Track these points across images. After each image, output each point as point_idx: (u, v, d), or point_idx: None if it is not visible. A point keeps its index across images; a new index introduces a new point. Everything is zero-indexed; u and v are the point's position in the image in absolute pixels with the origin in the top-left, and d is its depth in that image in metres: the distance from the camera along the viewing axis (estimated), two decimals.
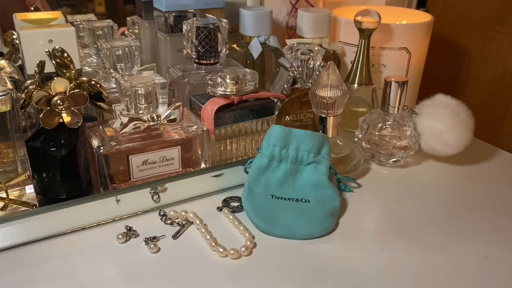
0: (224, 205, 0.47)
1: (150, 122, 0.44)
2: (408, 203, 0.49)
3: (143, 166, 0.45)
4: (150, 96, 0.44)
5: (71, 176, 0.45)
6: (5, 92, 0.40)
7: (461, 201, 0.50)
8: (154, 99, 0.45)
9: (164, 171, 0.47)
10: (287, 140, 0.46)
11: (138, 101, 0.44)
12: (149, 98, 0.44)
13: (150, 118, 0.44)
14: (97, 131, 0.45)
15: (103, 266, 0.39)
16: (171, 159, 0.46)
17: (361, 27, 0.57)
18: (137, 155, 0.45)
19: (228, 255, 0.40)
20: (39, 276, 0.37)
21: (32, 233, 0.41)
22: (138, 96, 0.44)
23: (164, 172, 0.47)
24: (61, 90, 0.43)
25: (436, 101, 0.55)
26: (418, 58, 0.64)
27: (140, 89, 0.44)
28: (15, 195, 0.44)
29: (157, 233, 0.42)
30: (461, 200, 0.50)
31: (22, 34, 0.48)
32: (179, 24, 0.57)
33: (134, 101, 0.44)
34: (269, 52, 0.64)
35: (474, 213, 0.47)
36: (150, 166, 0.46)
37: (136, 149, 0.44)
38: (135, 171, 0.45)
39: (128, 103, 0.44)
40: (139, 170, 0.45)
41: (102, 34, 0.59)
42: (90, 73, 0.57)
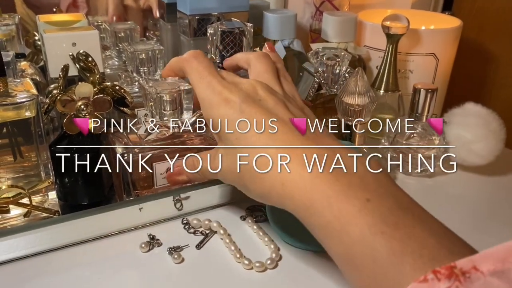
0: (248, 214, 0.46)
1: (175, 129, 0.43)
2: (435, 214, 0.47)
3: (166, 174, 0.44)
4: (175, 102, 0.43)
5: (94, 182, 0.45)
6: (30, 98, 0.40)
7: (490, 213, 0.48)
8: (179, 105, 0.43)
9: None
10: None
11: (163, 107, 0.43)
12: (174, 105, 0.43)
13: (176, 124, 0.44)
14: (120, 136, 0.45)
15: (126, 276, 0.38)
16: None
17: (389, 32, 0.56)
18: (161, 162, 0.44)
19: (253, 268, 0.39)
20: (62, 284, 0.37)
21: (55, 241, 0.40)
22: (163, 102, 0.43)
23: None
24: (85, 95, 0.42)
25: (466, 109, 0.53)
26: (446, 64, 0.62)
27: (165, 95, 0.43)
28: (37, 201, 0.43)
29: (180, 242, 0.42)
30: (489, 212, 0.48)
31: (46, 37, 0.47)
32: (203, 27, 0.56)
33: (159, 107, 0.43)
34: (292, 56, 0.63)
35: (503, 226, 0.46)
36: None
37: (161, 156, 0.43)
38: (158, 179, 0.44)
39: (153, 109, 0.43)
40: (162, 177, 0.44)
41: (124, 36, 0.59)
42: (111, 76, 0.57)
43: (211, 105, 0.37)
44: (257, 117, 0.35)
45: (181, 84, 0.44)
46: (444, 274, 0.24)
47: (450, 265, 0.24)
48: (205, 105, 0.38)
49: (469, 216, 0.47)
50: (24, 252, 0.39)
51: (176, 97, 0.43)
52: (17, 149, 0.43)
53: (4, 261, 0.38)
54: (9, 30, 0.60)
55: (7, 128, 0.42)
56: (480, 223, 0.46)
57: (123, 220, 0.43)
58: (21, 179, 0.44)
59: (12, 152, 0.43)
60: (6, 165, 0.43)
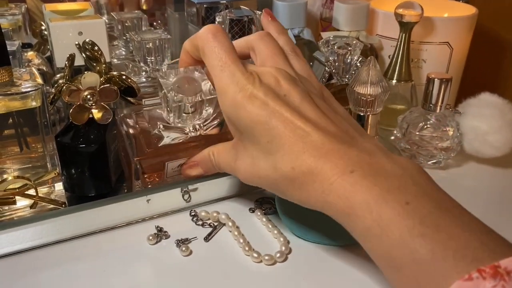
0: (256, 207, 0.45)
1: (191, 133, 0.41)
2: None
3: (178, 168, 0.43)
4: (195, 104, 0.40)
5: (101, 173, 0.44)
6: (35, 88, 0.39)
7: (505, 206, 0.47)
8: (200, 107, 0.41)
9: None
10: None
11: (184, 109, 0.40)
12: (194, 107, 0.40)
13: (192, 129, 0.41)
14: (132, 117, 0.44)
15: (134, 268, 0.37)
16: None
17: (403, 20, 0.54)
18: (175, 161, 0.43)
19: (262, 261, 0.38)
20: (68, 276, 0.36)
21: (61, 232, 0.40)
22: (183, 106, 0.40)
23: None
24: (91, 85, 0.41)
25: (481, 100, 0.52)
26: (460, 53, 0.60)
27: (186, 102, 0.39)
28: (44, 192, 0.43)
29: (188, 234, 0.41)
30: (504, 204, 0.47)
31: (52, 26, 0.46)
32: (211, 16, 0.55)
33: (178, 111, 0.40)
34: (302, 45, 0.61)
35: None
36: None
37: (174, 156, 0.42)
38: (169, 172, 0.44)
39: (170, 112, 0.40)
40: (174, 171, 0.44)
41: (131, 26, 0.58)
42: (119, 66, 0.56)
43: (235, 103, 0.34)
44: (287, 118, 0.33)
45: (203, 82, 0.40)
46: (489, 273, 0.23)
47: (494, 265, 0.24)
48: (226, 101, 0.35)
49: (484, 208, 0.46)
50: (31, 243, 0.39)
51: (197, 101, 0.40)
52: (23, 140, 0.43)
53: (11, 253, 0.38)
54: (16, 20, 0.59)
55: (13, 118, 0.41)
56: (495, 216, 0.45)
57: (131, 212, 0.42)
58: (27, 170, 0.43)
59: (18, 143, 0.43)
60: (13, 156, 0.43)
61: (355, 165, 0.30)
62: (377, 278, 0.37)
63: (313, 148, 0.32)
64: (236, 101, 0.34)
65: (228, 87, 0.34)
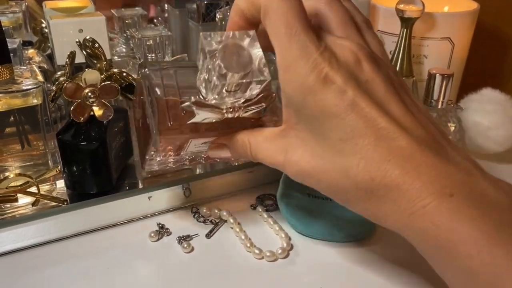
0: (258, 203, 0.45)
1: (229, 114, 0.32)
2: None
3: (201, 145, 0.36)
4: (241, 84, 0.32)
5: (102, 170, 0.44)
6: (36, 85, 0.39)
7: None
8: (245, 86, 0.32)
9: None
10: None
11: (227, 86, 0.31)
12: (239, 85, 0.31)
13: (230, 109, 0.32)
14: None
15: (135, 265, 0.37)
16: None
17: (404, 15, 0.54)
18: (200, 139, 0.35)
19: (264, 257, 0.38)
20: (70, 273, 0.36)
21: (63, 230, 0.40)
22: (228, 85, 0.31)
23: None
24: (92, 82, 0.41)
25: (483, 95, 0.52)
26: (462, 48, 0.60)
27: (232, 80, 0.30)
28: (45, 189, 0.43)
29: (189, 231, 0.41)
30: None
31: (52, 23, 0.46)
32: (211, 12, 0.55)
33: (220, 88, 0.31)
34: None
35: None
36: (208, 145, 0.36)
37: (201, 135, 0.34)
38: (190, 148, 0.36)
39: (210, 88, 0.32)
40: (196, 147, 0.36)
41: (131, 23, 0.58)
42: (119, 63, 0.56)
43: (303, 85, 0.27)
44: (369, 113, 0.26)
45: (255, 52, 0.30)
46: None
47: None
48: (292, 81, 0.27)
49: None
50: (33, 241, 0.39)
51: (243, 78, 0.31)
52: (24, 138, 0.43)
53: (13, 250, 0.38)
54: (16, 18, 0.59)
55: (14, 116, 0.42)
56: None
57: (132, 209, 0.42)
58: (29, 168, 0.43)
59: (20, 141, 0.43)
60: (14, 154, 0.43)
61: (454, 187, 0.25)
62: (378, 275, 0.37)
63: (401, 156, 0.25)
64: (306, 83, 0.27)
65: (297, 63, 0.27)
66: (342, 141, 0.27)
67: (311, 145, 0.28)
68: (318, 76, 0.26)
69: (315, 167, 0.28)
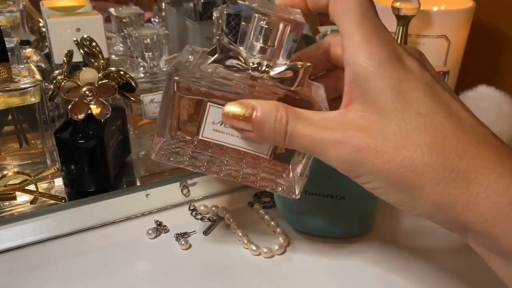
0: (255, 200, 0.45)
1: (254, 71, 0.29)
2: None
3: (220, 126, 0.31)
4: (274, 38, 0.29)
5: (100, 168, 0.44)
6: (34, 84, 0.39)
7: None
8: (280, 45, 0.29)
9: (243, 147, 0.31)
10: None
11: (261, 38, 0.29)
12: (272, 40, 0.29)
13: (256, 64, 0.29)
14: None
15: (134, 262, 0.38)
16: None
17: (399, 14, 0.54)
18: (218, 106, 0.30)
19: (261, 254, 0.38)
20: (69, 271, 0.37)
21: (62, 227, 0.40)
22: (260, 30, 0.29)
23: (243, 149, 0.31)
24: (90, 81, 0.41)
25: (478, 92, 0.52)
26: (458, 46, 0.60)
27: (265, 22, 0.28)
28: (44, 187, 0.43)
29: (187, 228, 0.41)
30: None
31: (50, 22, 0.47)
32: (208, 11, 0.55)
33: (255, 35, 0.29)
34: (300, 39, 0.61)
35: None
36: (228, 132, 0.31)
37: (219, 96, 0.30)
38: (207, 128, 0.31)
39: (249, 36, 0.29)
40: (213, 129, 0.31)
41: (129, 22, 0.58)
42: (117, 62, 0.56)
43: (378, 55, 0.25)
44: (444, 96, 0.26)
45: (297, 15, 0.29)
46: None
47: None
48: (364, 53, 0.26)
49: None
50: (31, 239, 0.39)
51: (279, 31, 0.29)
52: (22, 136, 0.43)
53: (11, 248, 0.38)
54: (14, 17, 0.59)
55: (12, 115, 0.42)
56: None
57: (130, 207, 0.42)
58: (27, 166, 0.44)
59: (18, 139, 0.43)
60: (12, 153, 0.43)
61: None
62: (375, 271, 0.37)
63: (488, 143, 0.25)
64: (382, 54, 0.25)
65: (370, 38, 0.26)
66: (420, 116, 0.25)
67: (379, 123, 0.26)
68: (393, 52, 0.26)
69: (385, 145, 0.25)
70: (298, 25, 0.29)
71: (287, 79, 0.29)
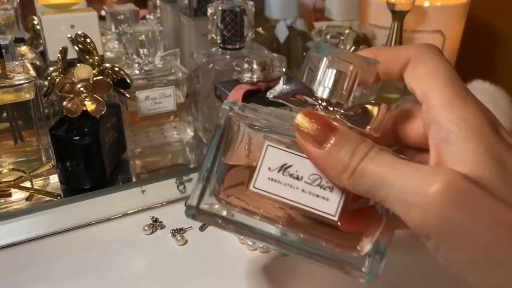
0: None
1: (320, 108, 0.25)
2: None
3: (277, 174, 0.25)
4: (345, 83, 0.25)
5: (95, 165, 0.44)
6: (28, 80, 0.39)
7: None
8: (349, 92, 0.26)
9: (305, 204, 0.25)
10: None
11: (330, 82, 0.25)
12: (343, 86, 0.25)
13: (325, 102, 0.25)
14: None
15: (130, 258, 0.38)
16: (329, 188, 0.25)
17: (394, 9, 0.55)
18: (279, 148, 0.25)
19: (257, 249, 0.38)
20: (66, 267, 0.37)
21: (57, 224, 0.40)
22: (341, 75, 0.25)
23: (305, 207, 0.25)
24: (85, 77, 0.41)
25: (473, 87, 0.52)
26: (453, 41, 0.61)
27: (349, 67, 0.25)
28: (39, 184, 0.43)
29: (183, 224, 0.41)
30: None
31: (44, 19, 0.46)
32: (203, 7, 0.55)
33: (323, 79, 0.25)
34: (295, 36, 0.62)
35: None
36: (288, 182, 0.25)
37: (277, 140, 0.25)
38: (261, 177, 0.25)
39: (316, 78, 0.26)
40: (269, 177, 0.25)
41: (124, 19, 0.58)
42: (112, 59, 0.56)
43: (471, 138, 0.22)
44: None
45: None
46: None
47: None
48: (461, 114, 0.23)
49: None
50: (27, 235, 0.39)
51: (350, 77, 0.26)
52: (17, 133, 0.43)
53: (7, 245, 0.38)
54: (8, 15, 0.59)
55: (7, 112, 0.42)
56: None
57: (126, 203, 0.42)
58: (22, 163, 0.44)
59: (13, 136, 0.43)
60: (8, 150, 0.43)
61: None
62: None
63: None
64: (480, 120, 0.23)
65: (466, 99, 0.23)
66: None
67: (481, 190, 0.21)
68: (490, 117, 0.23)
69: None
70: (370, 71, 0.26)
71: (361, 119, 0.25)
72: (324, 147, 0.23)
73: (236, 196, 0.26)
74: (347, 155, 0.23)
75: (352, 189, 0.23)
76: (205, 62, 0.50)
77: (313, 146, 0.24)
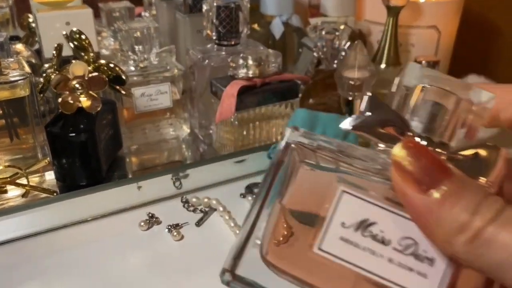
0: (247, 192, 0.45)
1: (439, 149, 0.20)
2: None
3: (354, 233, 0.19)
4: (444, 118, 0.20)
5: (91, 162, 0.44)
6: (23, 77, 0.39)
7: None
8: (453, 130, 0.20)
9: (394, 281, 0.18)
10: (312, 124, 0.44)
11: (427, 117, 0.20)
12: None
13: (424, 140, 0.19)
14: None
15: (126, 254, 0.38)
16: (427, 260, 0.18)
17: (389, 4, 0.55)
18: (357, 195, 0.19)
19: None
20: (62, 264, 0.37)
21: (54, 220, 0.40)
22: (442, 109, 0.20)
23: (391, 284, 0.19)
24: (80, 74, 0.41)
25: (468, 81, 0.52)
26: (448, 37, 0.61)
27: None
28: (35, 181, 0.43)
29: (179, 220, 0.41)
30: None
31: (39, 16, 0.46)
32: (198, 3, 0.55)
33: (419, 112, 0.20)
34: (291, 32, 0.62)
35: None
36: (368, 246, 0.19)
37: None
38: (330, 235, 0.19)
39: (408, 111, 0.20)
40: (341, 237, 0.19)
41: (119, 16, 0.58)
42: (108, 57, 0.56)
43: None
44: None
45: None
46: None
47: None
48: None
49: None
50: (23, 232, 0.39)
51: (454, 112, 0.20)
52: (13, 131, 0.43)
53: (3, 242, 0.38)
54: (3, 13, 0.59)
55: (2, 109, 0.42)
56: None
57: (122, 199, 0.42)
58: (18, 161, 0.43)
59: (9, 134, 0.43)
60: (3, 147, 0.43)
61: None
62: None
63: None
64: None
65: None
66: None
67: None
68: None
69: None
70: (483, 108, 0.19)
71: (473, 166, 0.19)
72: (432, 193, 0.17)
73: (290, 260, 0.20)
74: (467, 211, 0.16)
75: (469, 261, 0.16)
76: (200, 58, 0.50)
77: (415, 191, 0.17)
